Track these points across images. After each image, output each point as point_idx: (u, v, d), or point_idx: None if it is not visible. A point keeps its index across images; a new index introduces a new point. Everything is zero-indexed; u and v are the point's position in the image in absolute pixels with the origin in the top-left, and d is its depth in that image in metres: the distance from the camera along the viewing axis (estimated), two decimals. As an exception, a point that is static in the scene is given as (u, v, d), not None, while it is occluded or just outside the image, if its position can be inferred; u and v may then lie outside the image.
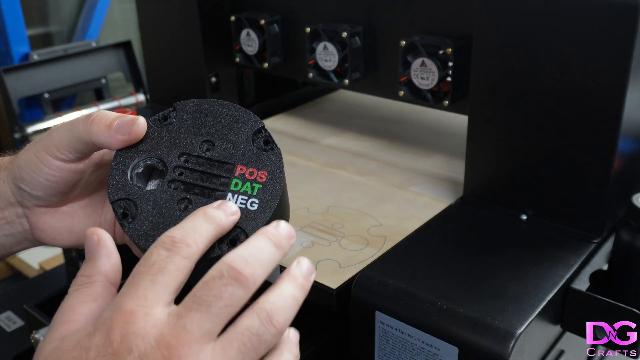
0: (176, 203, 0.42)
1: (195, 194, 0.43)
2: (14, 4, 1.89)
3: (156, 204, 0.43)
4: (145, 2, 1.00)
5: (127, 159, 0.44)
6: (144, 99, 1.90)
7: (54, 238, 0.51)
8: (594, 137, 0.59)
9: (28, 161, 0.46)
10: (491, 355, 0.49)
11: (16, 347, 0.94)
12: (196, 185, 0.43)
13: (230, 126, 0.45)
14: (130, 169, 0.44)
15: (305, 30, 0.82)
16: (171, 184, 0.43)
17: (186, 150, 0.44)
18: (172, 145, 0.44)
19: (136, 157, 0.44)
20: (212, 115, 0.45)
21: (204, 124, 0.45)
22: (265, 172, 0.43)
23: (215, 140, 0.44)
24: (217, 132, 0.44)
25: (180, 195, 0.43)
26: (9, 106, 1.75)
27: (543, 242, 0.62)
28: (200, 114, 0.45)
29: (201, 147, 0.44)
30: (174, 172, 0.44)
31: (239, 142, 0.44)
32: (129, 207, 0.43)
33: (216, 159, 0.44)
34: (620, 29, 0.55)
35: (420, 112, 1.01)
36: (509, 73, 0.62)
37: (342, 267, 0.60)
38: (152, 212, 0.42)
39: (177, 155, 0.44)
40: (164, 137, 0.45)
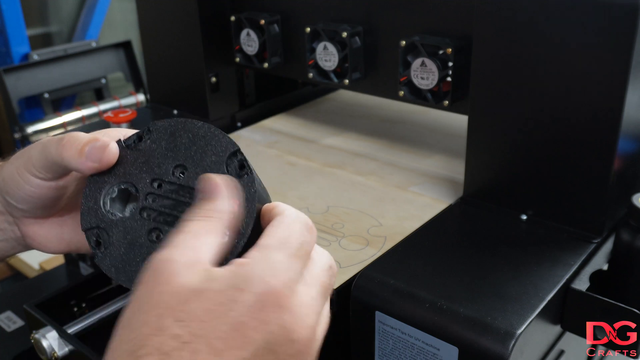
0: (147, 233, 0.42)
1: (166, 223, 0.42)
2: (14, 4, 1.89)
3: (127, 233, 0.42)
4: (145, 2, 1.00)
5: (100, 184, 0.44)
6: (144, 99, 1.90)
7: (44, 246, 0.50)
8: (594, 137, 0.59)
9: (11, 176, 0.46)
10: (491, 355, 0.49)
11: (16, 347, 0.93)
12: (168, 214, 0.42)
13: (205, 149, 0.43)
14: (102, 195, 0.43)
15: (305, 30, 0.82)
16: (143, 211, 0.43)
17: (159, 175, 0.43)
18: (145, 170, 0.43)
19: (108, 183, 0.44)
20: (186, 137, 0.44)
21: (178, 146, 0.43)
22: (237, 201, 0.41)
23: (189, 165, 0.43)
24: (191, 156, 0.43)
25: (152, 225, 0.42)
26: (9, 106, 1.75)
27: (543, 242, 0.62)
28: (174, 136, 0.44)
29: (174, 172, 0.43)
30: (146, 199, 0.43)
31: (213, 167, 0.43)
32: (101, 236, 0.43)
33: (189, 186, 0.42)
34: (620, 29, 0.55)
35: (420, 112, 1.01)
36: (508, 73, 0.62)
37: (342, 267, 0.60)
38: (124, 243, 0.42)
39: (150, 180, 0.43)
40: (137, 160, 0.44)
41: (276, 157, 0.88)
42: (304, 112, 1.05)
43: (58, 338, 0.66)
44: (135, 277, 0.39)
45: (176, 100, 1.02)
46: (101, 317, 0.72)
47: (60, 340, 0.66)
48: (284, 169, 0.84)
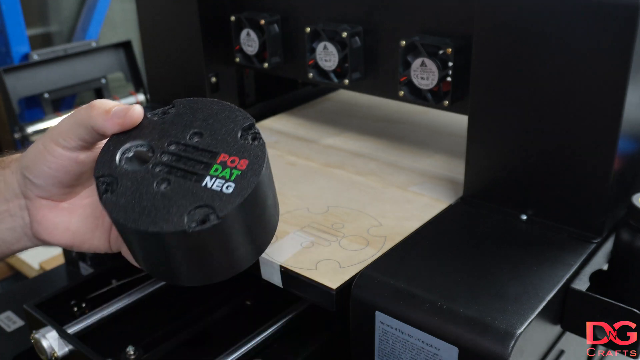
0: (155, 183, 0.44)
1: (176, 175, 0.44)
2: (14, 4, 1.89)
3: (137, 182, 0.44)
4: (145, 2, 1.00)
5: (119, 143, 0.46)
6: (144, 99, 1.90)
7: (50, 233, 0.52)
8: (594, 137, 0.59)
9: (35, 151, 0.49)
10: (491, 355, 0.49)
11: (16, 347, 0.93)
12: (178, 169, 0.45)
13: (222, 121, 0.47)
14: (120, 151, 0.46)
15: (305, 30, 0.82)
16: (155, 166, 0.45)
17: (175, 139, 0.46)
18: (164, 135, 0.46)
19: (128, 142, 0.46)
20: (206, 111, 0.47)
21: (197, 118, 0.47)
22: (247, 160, 0.44)
23: (205, 132, 0.46)
24: (208, 125, 0.46)
25: (161, 176, 0.44)
26: (9, 106, 1.75)
27: (543, 242, 0.62)
28: (195, 110, 0.47)
29: (191, 138, 0.46)
30: (160, 156, 0.45)
31: (227, 135, 0.46)
32: (111, 184, 0.44)
33: (202, 148, 0.45)
34: (620, 29, 0.55)
35: (420, 112, 1.01)
36: (509, 73, 0.62)
37: (342, 267, 0.60)
38: (131, 189, 0.44)
39: (167, 143, 0.46)
40: (158, 127, 0.47)
41: (276, 157, 0.88)
42: (304, 112, 1.05)
43: (58, 338, 0.66)
44: (139, 220, 0.42)
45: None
46: (101, 317, 0.72)
47: (60, 340, 0.66)
48: (284, 169, 0.84)
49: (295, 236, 0.66)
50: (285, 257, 0.62)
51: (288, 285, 0.62)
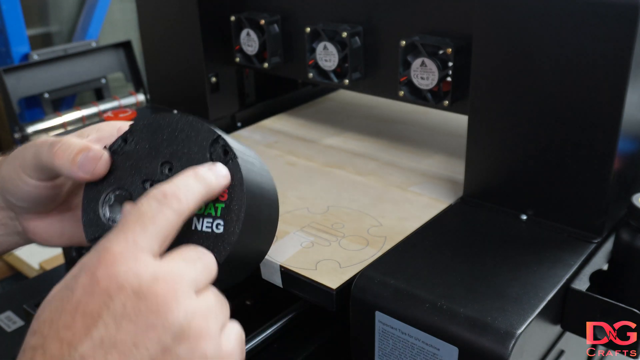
0: None
1: None
2: (14, 4, 1.89)
3: None
4: (145, 2, 1.00)
5: (96, 194, 0.45)
6: (144, 99, 1.90)
7: (46, 240, 0.51)
8: (594, 137, 0.59)
9: (8, 176, 0.47)
10: (491, 355, 0.49)
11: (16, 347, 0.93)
12: None
13: (187, 142, 0.44)
14: (100, 203, 0.44)
15: (305, 30, 0.82)
16: None
17: (148, 176, 0.44)
18: (135, 172, 0.44)
19: (104, 191, 0.45)
20: (167, 133, 0.44)
21: (161, 143, 0.44)
22: (225, 189, 0.42)
23: (174, 161, 0.44)
24: (175, 151, 0.44)
25: None
26: (9, 106, 1.75)
27: (543, 242, 0.62)
28: (156, 133, 0.44)
29: (162, 171, 0.44)
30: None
31: (197, 158, 0.43)
32: None
33: None
34: (620, 29, 0.55)
35: (420, 112, 1.01)
36: (509, 73, 0.62)
37: (342, 267, 0.60)
38: None
39: (141, 182, 0.44)
40: (126, 164, 0.45)
41: (276, 157, 0.88)
42: (304, 112, 1.05)
43: (58, 338, 0.66)
44: None
45: (176, 100, 1.02)
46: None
47: (60, 340, 0.66)
48: (284, 169, 0.84)
49: (295, 236, 0.66)
50: (285, 257, 0.62)
51: (288, 285, 0.62)
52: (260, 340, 0.66)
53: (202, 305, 0.35)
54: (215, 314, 0.36)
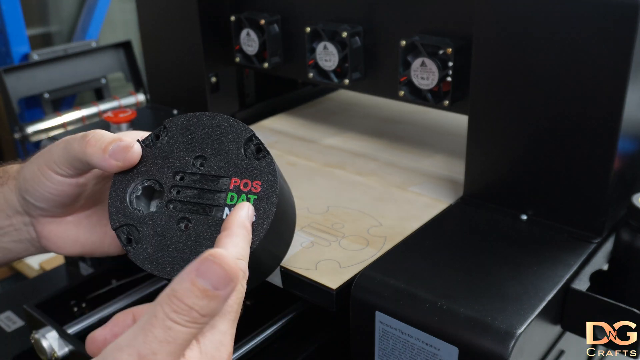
0: (176, 223, 0.43)
1: (193, 212, 0.43)
2: (14, 4, 1.89)
3: (157, 226, 0.43)
4: (145, 2, 1.00)
5: (125, 184, 0.45)
6: (144, 99, 1.90)
7: (59, 246, 0.51)
8: (594, 137, 0.59)
9: (32, 174, 0.47)
10: (491, 355, 0.49)
11: (16, 347, 0.93)
12: (194, 204, 0.43)
13: (221, 138, 0.45)
14: (128, 193, 0.44)
15: (305, 30, 0.82)
16: (169, 204, 0.44)
17: (180, 168, 0.44)
18: (166, 165, 0.45)
19: (133, 181, 0.45)
20: (202, 129, 0.45)
21: (194, 139, 0.45)
22: (259, 182, 0.43)
23: (208, 155, 0.44)
24: (209, 145, 0.45)
25: (179, 215, 0.43)
26: (9, 106, 1.75)
27: (543, 242, 0.62)
28: (190, 130, 0.45)
29: (194, 164, 0.44)
30: (170, 191, 0.44)
31: (231, 153, 0.44)
32: (132, 232, 0.43)
33: (210, 174, 0.44)
34: (620, 29, 0.55)
35: (420, 112, 1.01)
36: (509, 73, 0.62)
37: (342, 267, 0.60)
38: (154, 235, 0.43)
39: (172, 174, 0.44)
40: (158, 157, 0.45)
41: (276, 157, 0.87)
42: (304, 112, 1.05)
43: (58, 338, 0.66)
44: (169, 267, 0.41)
45: (176, 100, 1.02)
46: (101, 317, 0.72)
47: (60, 340, 0.66)
48: (284, 169, 0.84)
49: (295, 236, 0.66)
50: (285, 257, 0.62)
51: (288, 285, 0.62)
52: (260, 340, 0.66)
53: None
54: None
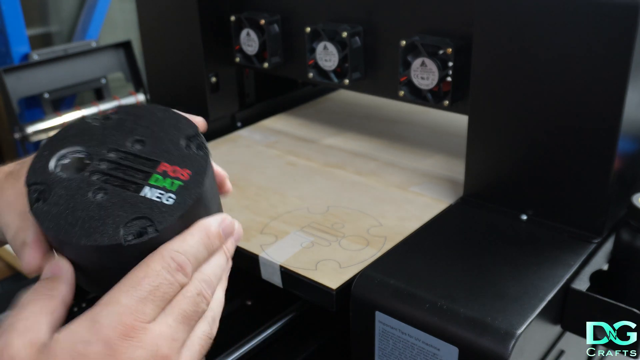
0: (91, 191, 0.41)
1: (113, 185, 0.42)
2: (14, 4, 1.89)
3: (71, 190, 0.41)
4: (145, 2, 1.00)
5: (55, 148, 0.43)
6: (144, 98, 1.90)
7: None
8: (594, 137, 0.59)
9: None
10: (491, 355, 0.49)
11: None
12: (115, 177, 0.42)
13: (166, 129, 0.45)
14: (55, 157, 0.43)
15: (305, 30, 0.82)
16: (92, 174, 0.42)
17: (115, 146, 0.44)
18: (104, 141, 0.44)
19: (64, 148, 0.43)
20: (150, 119, 0.45)
21: (140, 125, 0.45)
22: (189, 171, 0.42)
23: (147, 140, 0.44)
24: (151, 133, 0.44)
25: (98, 185, 0.42)
26: (9, 106, 1.75)
27: (543, 242, 0.62)
28: (139, 117, 0.45)
29: (132, 145, 0.44)
30: (98, 163, 0.43)
31: (170, 143, 0.44)
32: (43, 192, 0.42)
33: (142, 156, 0.43)
34: (620, 29, 0.55)
35: (420, 112, 1.01)
36: (509, 73, 0.62)
37: (342, 267, 0.60)
38: (64, 197, 0.41)
39: (107, 150, 0.43)
40: (98, 133, 0.44)
41: (276, 157, 0.88)
42: (304, 112, 1.05)
43: (58, 338, 0.66)
44: (71, 232, 0.39)
45: (176, 100, 1.02)
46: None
47: (60, 340, 0.66)
48: (284, 169, 0.84)
49: (295, 236, 0.66)
50: (285, 257, 0.62)
51: (288, 285, 0.62)
52: (260, 340, 0.66)
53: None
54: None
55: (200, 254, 0.40)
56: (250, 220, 0.70)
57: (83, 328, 0.35)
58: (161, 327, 0.36)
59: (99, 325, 0.34)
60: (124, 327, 0.34)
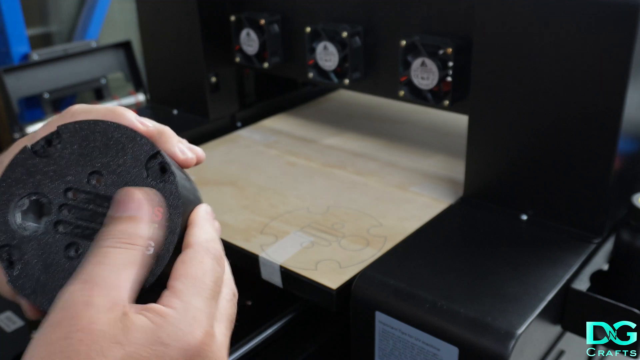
0: (64, 249, 0.39)
1: (84, 236, 0.39)
2: (14, 4, 1.89)
3: (42, 250, 0.39)
4: (145, 2, 1.00)
5: (8, 197, 0.40)
6: (144, 99, 1.90)
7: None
8: (594, 137, 0.59)
9: None
10: (491, 355, 0.49)
11: (16, 348, 0.93)
12: (84, 228, 0.39)
13: (121, 153, 0.40)
14: (11, 208, 0.39)
15: (305, 30, 0.82)
16: (58, 225, 0.39)
17: (72, 184, 0.39)
18: (57, 178, 0.40)
19: (17, 195, 0.40)
20: (100, 140, 0.40)
21: (91, 151, 0.40)
22: (160, 208, 0.38)
23: (104, 171, 0.39)
24: (107, 161, 0.40)
25: (68, 240, 0.39)
26: (9, 106, 1.75)
27: (543, 242, 0.62)
28: (87, 139, 0.40)
29: (89, 180, 0.39)
30: (60, 211, 0.39)
31: (131, 173, 0.39)
32: (13, 254, 0.39)
33: (104, 195, 0.39)
34: (620, 29, 0.55)
35: (420, 112, 1.01)
36: (509, 73, 0.62)
37: (342, 267, 0.60)
38: (40, 261, 0.38)
39: (63, 190, 0.40)
40: (48, 168, 0.40)
41: (276, 157, 0.88)
42: (304, 112, 1.05)
43: (58, 338, 0.66)
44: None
45: (176, 100, 1.02)
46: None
47: (60, 340, 0.66)
48: (284, 169, 0.84)
49: (295, 236, 0.66)
50: (285, 257, 0.62)
51: (288, 285, 0.62)
52: (260, 340, 0.66)
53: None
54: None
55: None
56: (250, 220, 0.70)
57: (161, 329, 0.32)
58: (221, 336, 0.35)
59: (176, 330, 0.33)
60: (199, 335, 0.33)
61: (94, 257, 0.34)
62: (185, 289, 0.34)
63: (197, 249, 0.36)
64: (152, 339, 0.32)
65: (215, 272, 0.36)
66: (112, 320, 0.31)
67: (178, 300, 0.34)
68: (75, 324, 0.31)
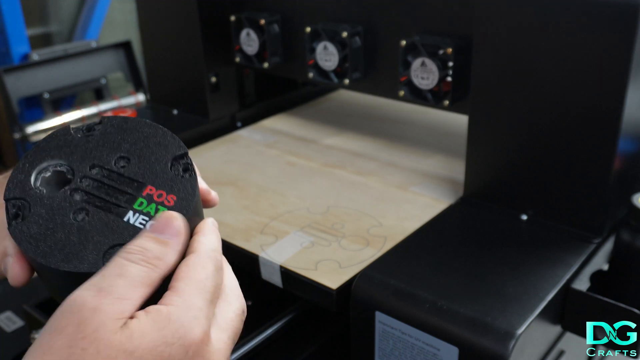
0: (72, 212, 0.40)
1: (96, 206, 0.40)
2: (14, 4, 1.89)
3: (51, 209, 0.40)
4: (145, 3, 1.00)
5: (36, 161, 0.42)
6: (144, 98, 1.90)
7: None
8: (594, 137, 0.59)
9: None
10: (491, 355, 0.49)
11: (16, 347, 0.93)
12: (98, 198, 0.41)
13: (152, 147, 0.43)
14: (36, 170, 0.41)
15: (305, 30, 0.82)
16: (74, 192, 0.41)
17: (99, 162, 0.42)
18: (87, 156, 0.42)
19: (46, 160, 0.42)
20: (136, 134, 0.43)
21: (125, 140, 0.43)
22: (174, 196, 0.41)
23: (132, 158, 0.42)
24: (137, 151, 0.42)
25: (79, 205, 0.40)
26: (9, 106, 1.75)
27: (543, 242, 0.62)
28: (124, 131, 0.43)
29: (116, 163, 0.42)
30: (80, 181, 0.41)
31: (157, 164, 0.42)
32: (22, 208, 0.40)
33: (127, 176, 0.41)
34: (620, 29, 0.55)
35: (420, 112, 1.01)
36: (509, 73, 0.62)
37: (342, 267, 0.60)
38: (44, 217, 0.40)
39: (90, 166, 0.42)
40: (81, 146, 0.43)
41: (276, 157, 0.88)
42: (304, 112, 1.05)
43: (58, 338, 0.66)
44: (50, 255, 0.38)
45: (176, 100, 1.02)
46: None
47: (60, 340, 0.66)
48: (284, 169, 0.84)
49: (295, 236, 0.66)
50: (285, 257, 0.62)
51: (288, 285, 0.62)
52: (260, 340, 0.66)
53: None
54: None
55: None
56: (250, 220, 0.70)
57: (165, 328, 0.33)
58: (220, 343, 0.35)
59: (179, 328, 0.33)
60: (198, 334, 0.33)
61: (114, 268, 0.34)
62: (187, 289, 0.35)
63: (202, 255, 0.37)
64: (158, 340, 0.32)
65: (216, 280, 0.36)
66: (118, 328, 0.31)
67: (179, 299, 0.34)
68: (80, 331, 0.31)
